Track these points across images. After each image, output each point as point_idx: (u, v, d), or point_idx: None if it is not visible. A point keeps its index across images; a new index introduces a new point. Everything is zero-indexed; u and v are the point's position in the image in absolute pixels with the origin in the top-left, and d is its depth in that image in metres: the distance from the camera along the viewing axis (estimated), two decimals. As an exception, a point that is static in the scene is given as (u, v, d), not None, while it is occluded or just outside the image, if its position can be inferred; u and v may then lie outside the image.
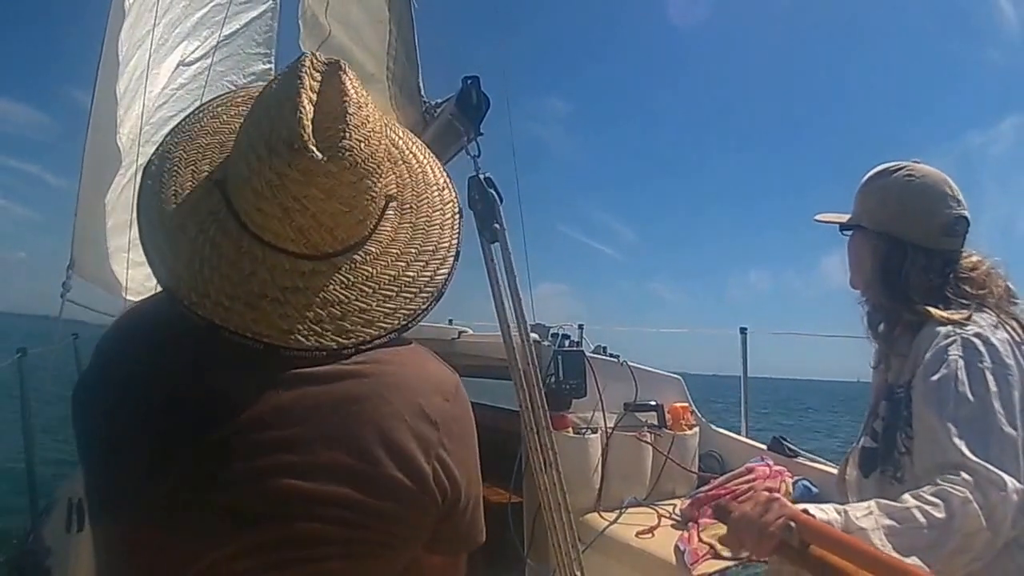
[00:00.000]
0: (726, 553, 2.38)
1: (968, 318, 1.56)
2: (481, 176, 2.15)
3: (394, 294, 0.85)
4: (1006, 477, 1.33)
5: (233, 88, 6.19)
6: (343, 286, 0.83)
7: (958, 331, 1.52)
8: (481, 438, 0.94)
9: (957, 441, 1.38)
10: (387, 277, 0.85)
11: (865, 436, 1.73)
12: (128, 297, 4.93)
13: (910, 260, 1.67)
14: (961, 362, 1.47)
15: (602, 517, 3.04)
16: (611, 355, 3.60)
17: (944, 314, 1.58)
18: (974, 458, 1.35)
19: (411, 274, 0.87)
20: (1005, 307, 1.64)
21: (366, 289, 0.84)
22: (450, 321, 4.64)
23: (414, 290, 0.86)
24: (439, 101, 2.66)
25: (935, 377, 1.49)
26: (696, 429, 3.48)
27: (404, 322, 0.84)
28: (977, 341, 1.50)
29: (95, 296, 5.11)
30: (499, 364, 3.26)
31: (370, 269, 0.85)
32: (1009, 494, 1.32)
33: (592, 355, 3.37)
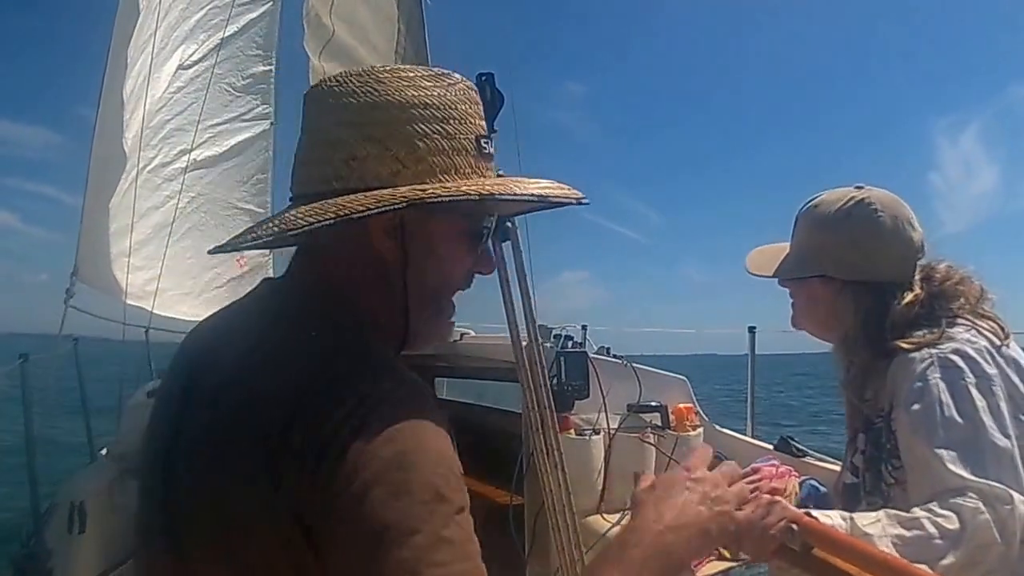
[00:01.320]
0: (729, 555, 2.37)
1: (941, 336, 1.49)
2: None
3: None
4: (1010, 491, 1.30)
5: (232, 91, 6.22)
6: None
7: (933, 351, 1.46)
8: (482, 440, 0.93)
9: (953, 467, 1.34)
10: None
11: (845, 473, 1.68)
12: (128, 301, 4.93)
13: (896, 301, 1.55)
14: (942, 384, 1.41)
15: (605, 519, 3.03)
16: (615, 356, 3.59)
17: (915, 339, 1.50)
18: (973, 479, 1.31)
19: None
20: (980, 311, 1.56)
21: None
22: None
23: None
24: (451, 99, 2.65)
25: (918, 406, 1.42)
26: (701, 430, 3.47)
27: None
28: (955, 357, 1.44)
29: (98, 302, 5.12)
30: (501, 366, 3.25)
31: None
32: (1016, 506, 1.29)
33: (595, 356, 3.36)
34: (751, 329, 4.44)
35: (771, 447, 3.25)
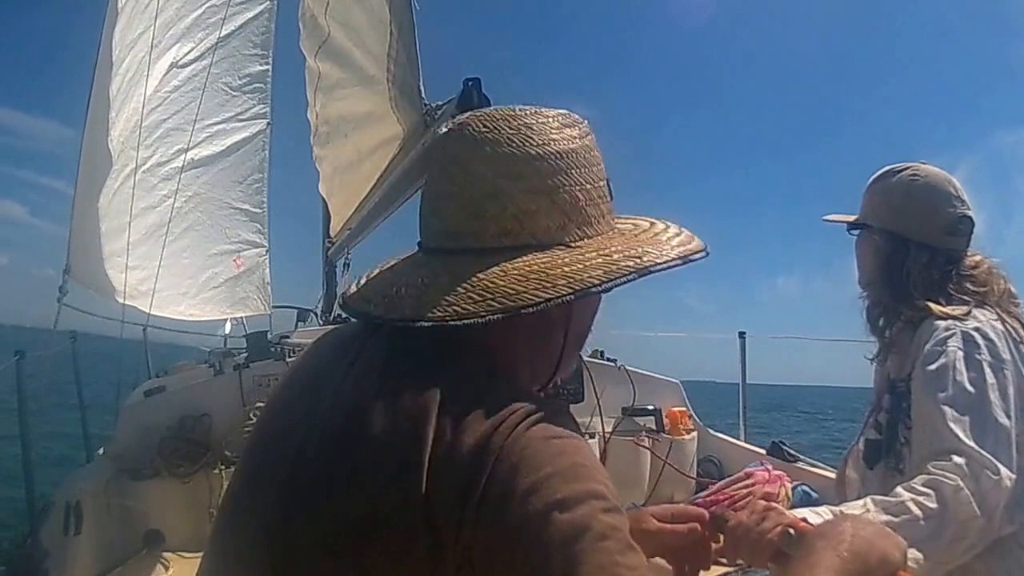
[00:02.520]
0: (726, 560, 2.38)
1: (968, 313, 1.58)
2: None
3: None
4: (999, 463, 1.35)
5: (228, 90, 6.21)
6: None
7: (958, 324, 1.55)
8: None
9: (953, 426, 1.41)
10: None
11: (869, 429, 1.76)
12: (124, 301, 4.91)
13: (912, 257, 1.68)
14: (960, 353, 1.50)
15: (600, 522, 3.04)
16: (608, 359, 3.59)
17: (944, 309, 1.60)
18: (968, 442, 1.38)
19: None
20: (1006, 306, 1.65)
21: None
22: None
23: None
24: (440, 103, 2.66)
25: (933, 366, 1.51)
26: (694, 434, 3.49)
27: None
28: (976, 335, 1.52)
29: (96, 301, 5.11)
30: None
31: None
32: (1002, 479, 1.35)
33: (589, 359, 3.37)
34: (741, 335, 4.47)
35: (763, 451, 3.27)
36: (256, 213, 6.30)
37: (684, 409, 3.56)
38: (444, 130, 0.92)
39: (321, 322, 6.01)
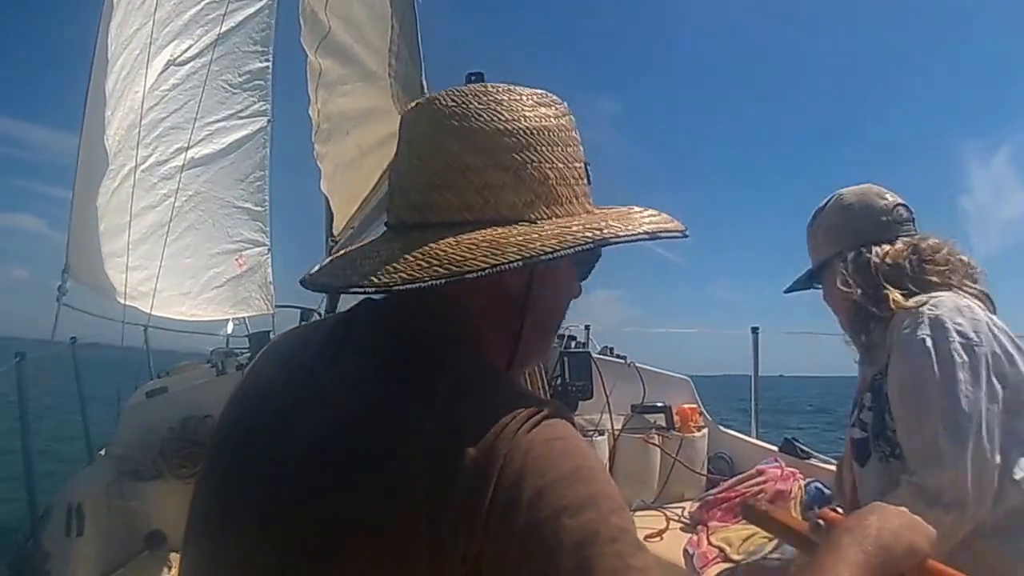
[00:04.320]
0: (736, 556, 2.35)
1: (934, 300, 1.65)
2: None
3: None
4: (958, 494, 1.45)
5: (228, 87, 6.17)
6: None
7: (925, 311, 1.62)
8: None
9: (912, 445, 1.55)
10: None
11: (854, 428, 1.80)
12: (124, 301, 4.88)
13: (875, 254, 1.77)
14: (929, 341, 1.57)
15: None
16: (618, 356, 3.56)
17: (911, 302, 1.67)
18: (923, 474, 1.50)
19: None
20: (968, 284, 1.73)
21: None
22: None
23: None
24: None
25: (904, 358, 1.61)
26: (705, 431, 3.45)
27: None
28: (944, 319, 1.59)
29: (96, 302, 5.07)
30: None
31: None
32: (965, 511, 1.45)
33: (599, 356, 3.34)
34: (754, 330, 4.41)
35: (775, 448, 3.23)
36: (258, 212, 6.26)
37: (695, 406, 3.53)
38: (412, 105, 0.90)
39: (324, 321, 5.99)
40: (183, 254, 5.63)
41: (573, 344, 3.26)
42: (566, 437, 0.71)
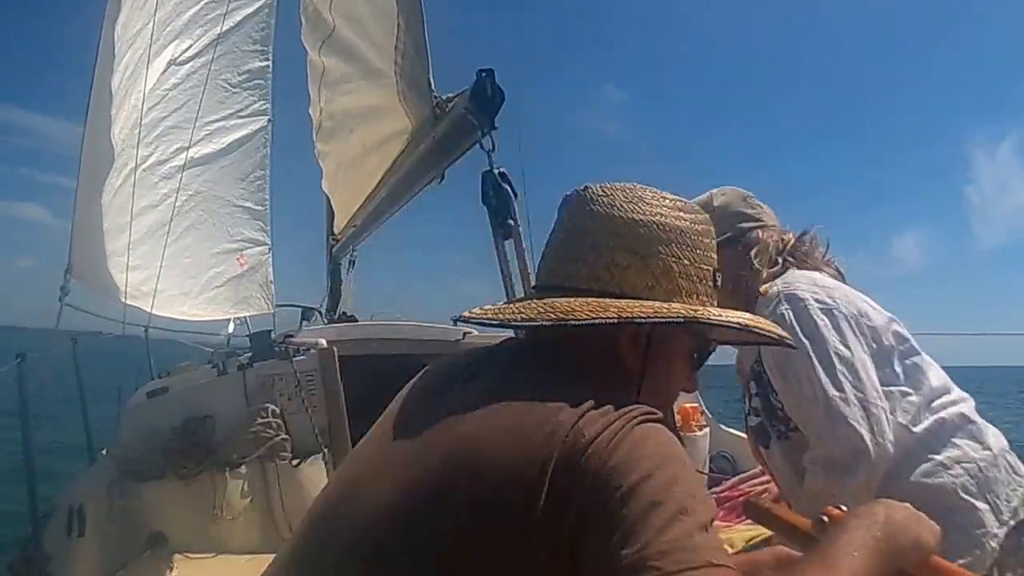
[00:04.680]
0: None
1: (785, 279, 1.77)
2: (496, 171, 2.11)
3: None
4: (853, 452, 1.53)
5: (228, 87, 6.17)
6: None
7: (780, 288, 1.73)
8: None
9: (805, 408, 1.63)
10: None
11: (750, 417, 1.91)
12: (125, 301, 4.87)
13: (743, 249, 1.85)
14: (789, 311, 1.67)
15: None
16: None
17: (772, 285, 1.78)
18: (813, 452, 1.60)
19: None
20: (824, 263, 1.85)
21: None
22: (454, 322, 4.57)
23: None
24: (450, 96, 2.60)
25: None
26: (707, 430, 3.45)
27: None
28: (797, 291, 1.70)
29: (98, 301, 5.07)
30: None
31: None
32: (860, 466, 1.52)
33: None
34: None
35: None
36: (258, 211, 6.25)
37: (696, 405, 3.52)
38: (572, 191, 1.03)
39: (325, 321, 5.96)
40: (184, 254, 5.62)
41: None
42: (662, 440, 0.78)
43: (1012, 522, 1.58)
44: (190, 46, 5.71)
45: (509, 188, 2.11)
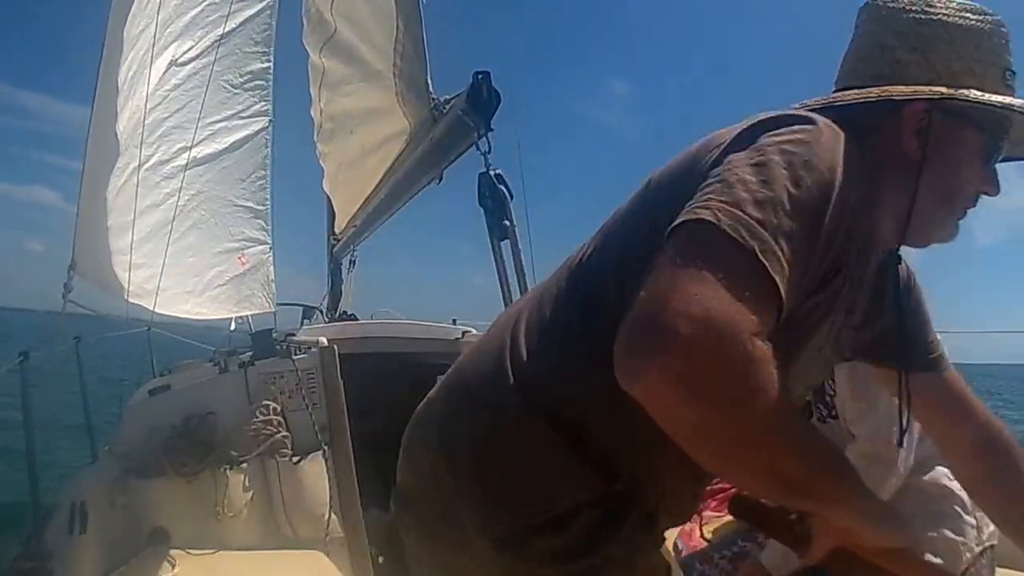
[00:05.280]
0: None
1: None
2: (492, 173, 2.13)
3: None
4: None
5: (230, 88, 6.20)
6: None
7: None
8: None
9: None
10: None
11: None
12: (129, 299, 4.90)
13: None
14: None
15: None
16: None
17: None
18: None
19: None
20: None
21: None
22: (454, 321, 4.59)
23: None
24: (448, 97, 2.63)
25: None
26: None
27: None
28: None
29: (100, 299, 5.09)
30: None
31: None
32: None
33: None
34: None
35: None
36: (259, 210, 6.28)
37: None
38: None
39: (326, 319, 5.99)
40: (186, 253, 5.64)
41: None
42: (807, 135, 0.88)
43: (987, 543, 1.71)
44: (192, 47, 5.73)
45: (505, 189, 2.13)
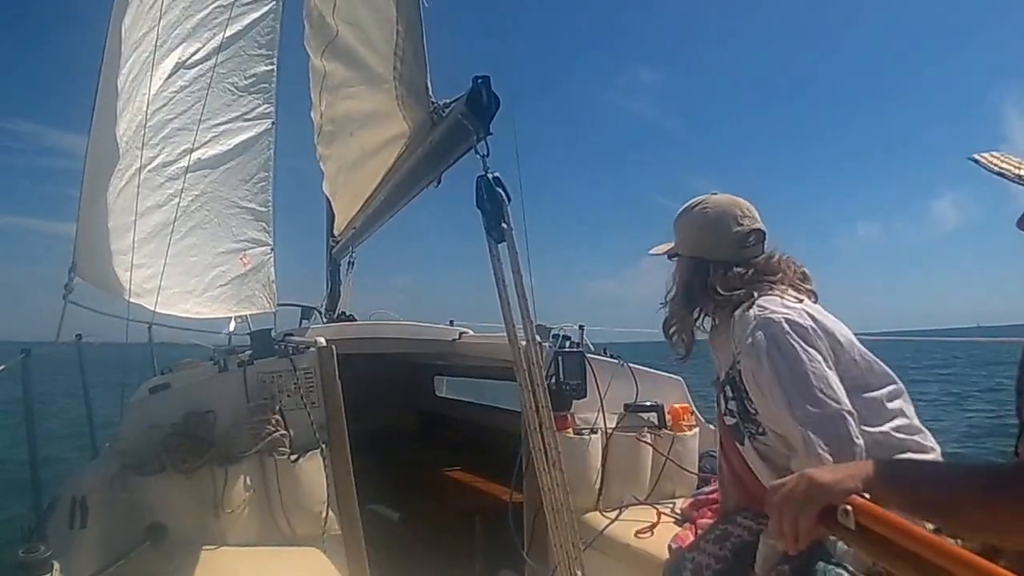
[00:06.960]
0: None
1: (760, 302, 1.96)
2: (490, 176, 2.17)
3: None
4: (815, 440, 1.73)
5: (235, 90, 6.25)
6: None
7: (755, 313, 1.93)
8: (481, 438, 0.96)
9: (791, 407, 1.78)
10: None
11: (726, 416, 2.10)
12: (130, 300, 4.93)
13: (713, 273, 2.10)
14: (763, 338, 1.86)
15: (603, 516, 3.06)
16: (612, 356, 3.62)
17: (731, 299, 2.04)
18: (803, 431, 1.75)
19: None
20: (797, 284, 2.05)
21: None
22: (451, 322, 4.64)
23: None
24: (447, 101, 2.67)
25: (751, 358, 1.89)
26: (696, 430, 3.50)
27: None
28: (770, 316, 1.90)
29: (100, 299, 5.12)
30: (499, 365, 3.27)
31: None
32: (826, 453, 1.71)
33: (592, 356, 3.39)
34: None
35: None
36: (262, 212, 6.30)
37: (687, 405, 3.58)
38: None
39: (325, 320, 6.04)
40: (188, 253, 5.66)
41: (567, 344, 3.32)
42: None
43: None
44: (198, 49, 5.76)
45: (503, 192, 2.16)
